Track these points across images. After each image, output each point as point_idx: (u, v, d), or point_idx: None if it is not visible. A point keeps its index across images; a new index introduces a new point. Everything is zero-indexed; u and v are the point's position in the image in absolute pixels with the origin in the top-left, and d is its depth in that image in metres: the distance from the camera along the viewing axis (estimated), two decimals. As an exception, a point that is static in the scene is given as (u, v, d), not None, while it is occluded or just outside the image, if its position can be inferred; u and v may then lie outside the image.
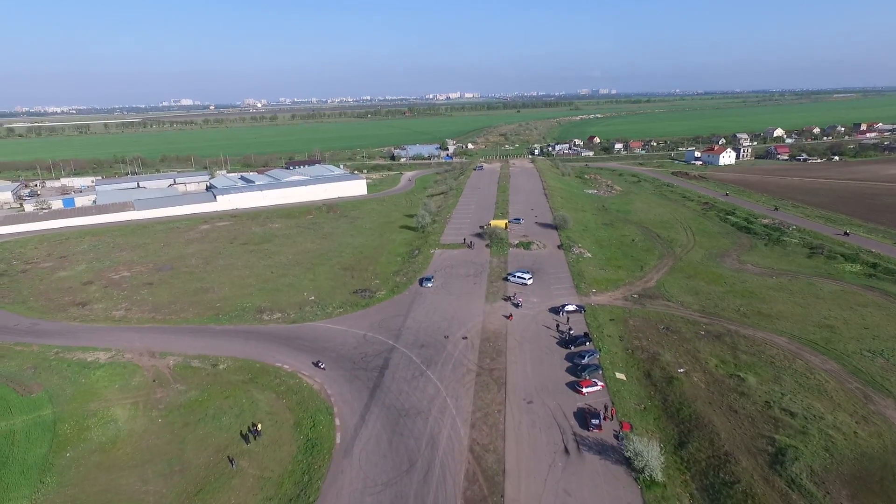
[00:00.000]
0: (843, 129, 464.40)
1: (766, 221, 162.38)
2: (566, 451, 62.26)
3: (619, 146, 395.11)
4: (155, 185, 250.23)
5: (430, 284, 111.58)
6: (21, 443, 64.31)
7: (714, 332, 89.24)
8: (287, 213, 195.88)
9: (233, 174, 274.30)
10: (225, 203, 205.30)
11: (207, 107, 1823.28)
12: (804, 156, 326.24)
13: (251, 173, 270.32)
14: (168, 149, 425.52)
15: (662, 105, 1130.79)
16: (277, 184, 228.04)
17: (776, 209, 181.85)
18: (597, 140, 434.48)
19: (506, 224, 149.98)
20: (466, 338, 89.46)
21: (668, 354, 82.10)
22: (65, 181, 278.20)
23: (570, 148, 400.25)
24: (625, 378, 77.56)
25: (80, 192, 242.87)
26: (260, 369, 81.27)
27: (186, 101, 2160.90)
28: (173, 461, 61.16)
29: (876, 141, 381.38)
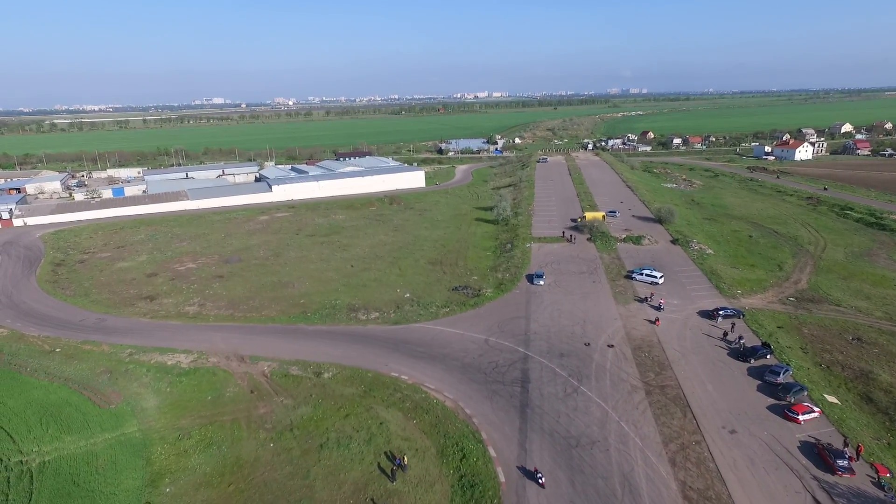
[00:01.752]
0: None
1: (890, 220, 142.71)
2: (817, 503, 46.28)
3: (677, 141, 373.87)
4: (203, 175, 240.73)
5: (541, 282, 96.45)
6: (106, 470, 51.15)
7: (924, 345, 71.95)
8: (347, 204, 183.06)
9: (282, 165, 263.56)
10: (281, 194, 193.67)
11: (239, 105, 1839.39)
12: (889, 150, 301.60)
13: (301, 165, 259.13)
14: (209, 142, 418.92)
15: (702, 103, 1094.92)
16: (333, 175, 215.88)
17: (892, 201, 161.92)
18: (650, 135, 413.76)
19: (602, 216, 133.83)
20: (613, 346, 74.07)
21: (883, 373, 65.28)
22: (111, 172, 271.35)
23: (624, 143, 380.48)
24: (838, 402, 61.12)
25: (128, 182, 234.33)
26: (374, 380, 67.13)
27: (218, 100, 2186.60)
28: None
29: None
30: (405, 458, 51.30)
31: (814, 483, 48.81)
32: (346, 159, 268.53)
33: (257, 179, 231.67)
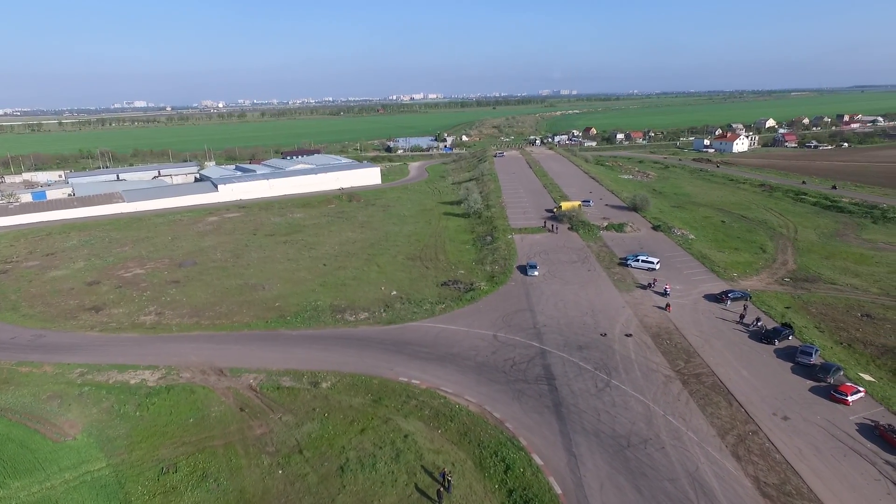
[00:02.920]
0: (828, 119, 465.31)
1: (847, 200, 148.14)
2: (902, 490, 42.70)
3: (620, 136, 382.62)
4: (137, 176, 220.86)
5: (536, 273, 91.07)
6: (72, 521, 40.48)
7: (932, 318, 71.69)
8: (303, 202, 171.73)
9: (224, 166, 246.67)
10: (228, 193, 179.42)
11: (164, 108, 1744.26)
12: (814, 143, 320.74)
13: (245, 164, 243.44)
14: (137, 144, 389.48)
15: (632, 102, 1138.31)
16: (284, 172, 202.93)
17: (834, 188, 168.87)
18: (593, 131, 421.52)
19: (578, 206, 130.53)
20: (631, 335, 69.43)
21: (907, 347, 63.81)
22: (27, 176, 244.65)
23: (569, 139, 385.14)
24: (873, 379, 58.77)
25: (48, 185, 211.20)
26: (381, 387, 59.05)
27: (140, 103, 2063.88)
28: (334, 542, 38.67)
29: (866, 130, 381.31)
30: (449, 474, 43.78)
31: (888, 468, 45.41)
32: (294, 158, 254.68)
33: (198, 180, 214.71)
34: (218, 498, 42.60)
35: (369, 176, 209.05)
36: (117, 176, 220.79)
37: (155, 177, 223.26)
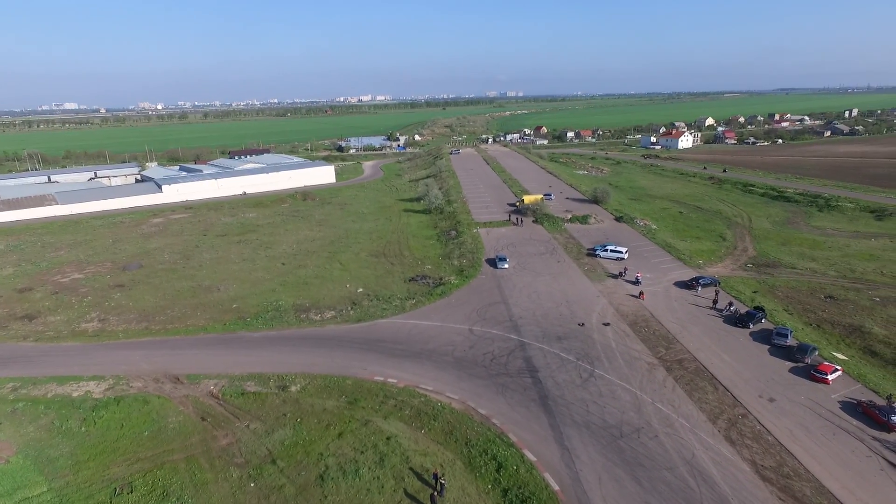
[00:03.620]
0: (762, 118, 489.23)
1: (792, 191, 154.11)
2: (894, 465, 42.72)
3: (570, 135, 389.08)
4: (71, 178, 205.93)
5: (506, 265, 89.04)
6: (8, 557, 34.88)
7: (892, 297, 74.22)
8: (255, 202, 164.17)
9: (168, 167, 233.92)
10: (173, 194, 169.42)
11: (97, 111, 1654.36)
12: (752, 139, 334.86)
13: (190, 164, 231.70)
14: (70, 146, 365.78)
15: (577, 103, 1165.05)
16: (233, 172, 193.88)
17: (779, 179, 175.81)
18: (544, 130, 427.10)
19: (541, 199, 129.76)
20: (609, 324, 68.22)
21: (874, 326, 65.34)
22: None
23: (521, 137, 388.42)
24: (846, 358, 59.59)
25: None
26: (355, 387, 55.23)
27: (71, 105, 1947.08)
28: (321, 560, 34.79)
29: (796, 128, 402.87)
30: (442, 475, 40.64)
31: (877, 444, 45.42)
32: (242, 158, 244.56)
33: (139, 181, 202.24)
34: (184, 520, 37.79)
35: (323, 175, 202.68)
36: (48, 178, 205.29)
37: (91, 178, 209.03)
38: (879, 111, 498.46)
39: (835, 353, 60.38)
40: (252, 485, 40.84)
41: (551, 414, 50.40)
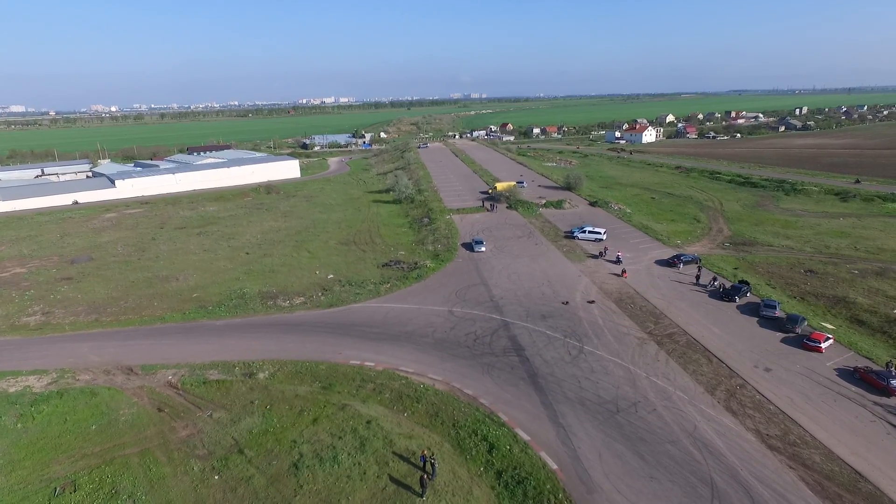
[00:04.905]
0: (719, 115, 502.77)
1: (758, 177, 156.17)
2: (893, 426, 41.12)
3: (536, 131, 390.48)
4: (15, 176, 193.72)
5: (483, 248, 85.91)
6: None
7: (869, 270, 74.11)
8: (216, 196, 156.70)
9: (123, 164, 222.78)
10: (127, 189, 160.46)
11: (46, 113, 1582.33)
12: (712, 133, 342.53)
13: (147, 161, 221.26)
14: (16, 146, 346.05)
15: (541, 103, 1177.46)
16: (192, 167, 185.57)
17: (742, 168, 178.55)
18: (510, 126, 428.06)
19: (514, 185, 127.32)
20: (594, 301, 65.65)
21: (858, 297, 64.64)
22: None
23: (488, 134, 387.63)
24: (834, 327, 58.43)
25: None
26: (329, 371, 50.89)
27: (17, 108, 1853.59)
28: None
29: (752, 124, 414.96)
30: (432, 456, 36.82)
31: (879, 409, 43.75)
32: (202, 154, 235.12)
33: (90, 178, 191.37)
34: (137, 518, 32.89)
35: (288, 169, 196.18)
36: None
37: (38, 176, 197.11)
38: (827, 109, 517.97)
39: (823, 324, 59.15)
40: (216, 477, 36.16)
41: (542, 392, 47.16)
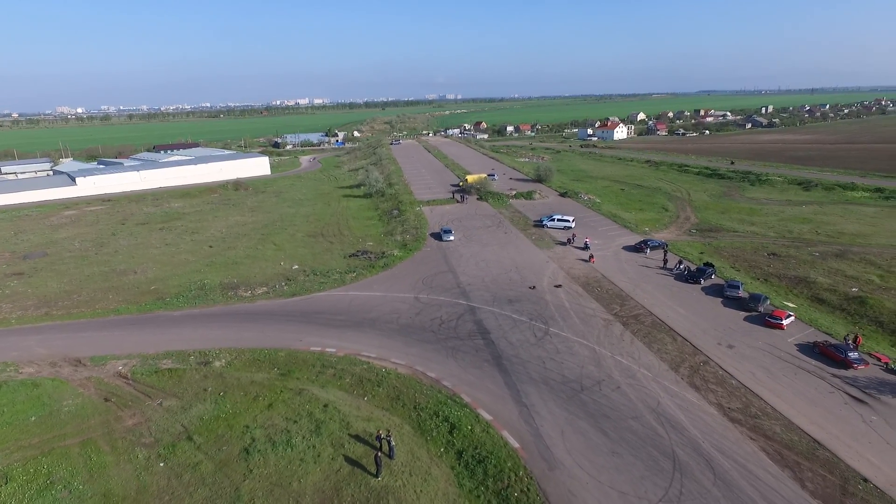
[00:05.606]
0: (688, 113, 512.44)
1: (725, 169, 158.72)
2: (858, 399, 41.43)
3: (510, 129, 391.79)
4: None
5: (451, 237, 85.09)
6: None
7: (829, 252, 75.38)
8: (182, 193, 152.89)
9: (86, 163, 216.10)
10: (89, 187, 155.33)
11: (9, 115, 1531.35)
12: (682, 130, 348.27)
13: (112, 159, 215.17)
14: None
15: (516, 103, 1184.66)
16: (158, 164, 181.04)
17: (710, 161, 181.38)
18: (484, 125, 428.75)
19: (485, 177, 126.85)
20: (561, 286, 65.26)
21: (819, 277, 65.58)
22: None
23: (462, 132, 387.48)
24: (795, 306, 59.06)
25: None
26: (289, 358, 49.38)
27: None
28: (243, 540, 29.10)
29: (720, 121, 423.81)
30: (390, 435, 35.67)
31: (837, 381, 44.09)
32: (169, 152, 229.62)
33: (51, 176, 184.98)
34: (73, 509, 31.04)
35: (257, 166, 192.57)
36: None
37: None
38: (791, 108, 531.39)
39: (785, 303, 59.72)
40: (161, 464, 34.44)
41: (506, 373, 46.40)
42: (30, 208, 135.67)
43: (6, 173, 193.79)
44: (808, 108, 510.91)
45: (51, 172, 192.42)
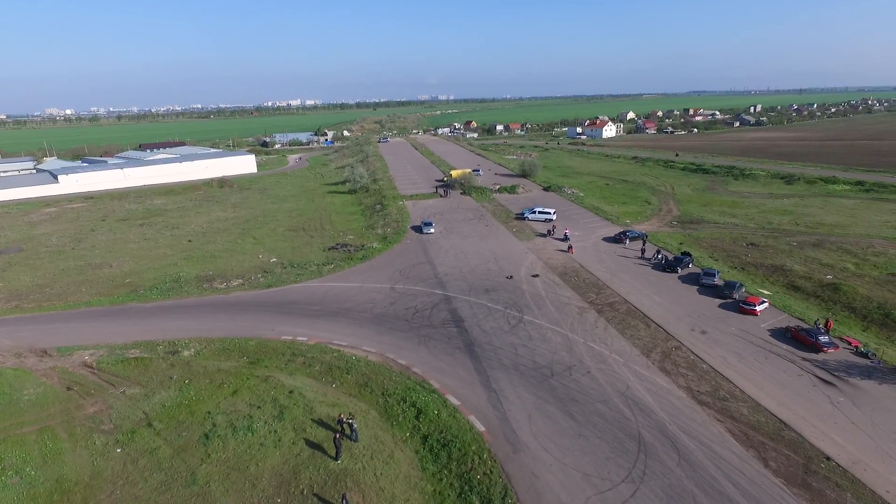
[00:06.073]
0: (678, 112, 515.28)
1: (710, 164, 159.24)
2: (827, 382, 41.41)
3: (500, 128, 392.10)
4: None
5: (432, 230, 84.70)
6: None
7: (807, 242, 75.59)
8: (166, 191, 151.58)
9: (71, 162, 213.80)
10: (71, 185, 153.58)
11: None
12: (670, 129, 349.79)
13: (96, 158, 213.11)
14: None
15: (506, 104, 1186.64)
16: (142, 161, 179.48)
17: (696, 157, 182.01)
18: (474, 124, 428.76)
19: (469, 172, 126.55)
20: (538, 275, 65.02)
21: (795, 265, 65.74)
22: None
23: (451, 131, 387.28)
24: (770, 293, 59.11)
25: None
26: (259, 347, 48.80)
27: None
28: (194, 522, 28.53)
29: (709, 120, 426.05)
30: (352, 419, 35.20)
31: (807, 364, 44.05)
32: (155, 150, 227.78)
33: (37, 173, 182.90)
34: (19, 493, 30.32)
35: (243, 164, 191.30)
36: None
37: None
38: (779, 107, 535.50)
39: (760, 290, 59.76)
40: (119, 450, 33.82)
41: (477, 359, 46.06)
42: (10, 206, 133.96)
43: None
44: (795, 107, 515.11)
45: (33, 171, 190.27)
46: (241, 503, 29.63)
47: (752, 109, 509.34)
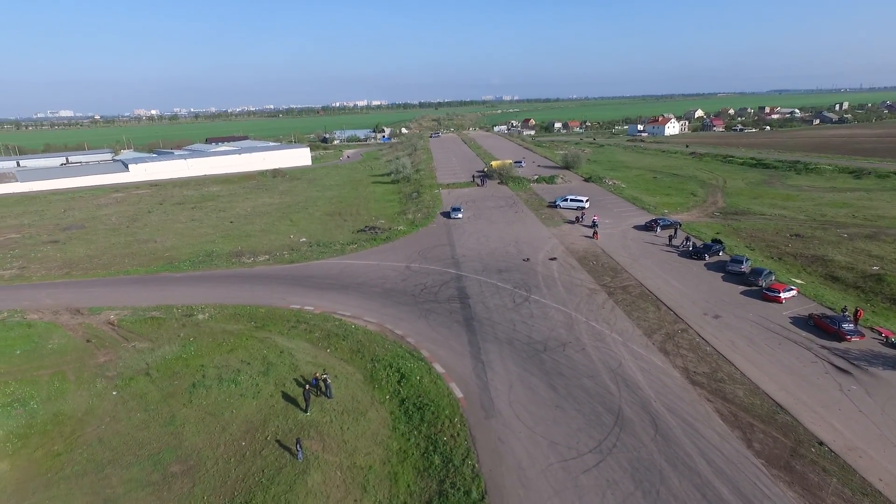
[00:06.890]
0: (752, 110, 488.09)
1: (772, 159, 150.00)
2: (842, 370, 38.21)
3: (558, 125, 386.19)
4: (42, 163, 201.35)
5: (460, 215, 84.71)
6: None
7: (860, 234, 69.74)
8: (223, 180, 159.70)
9: (144, 153, 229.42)
10: (140, 173, 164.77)
11: (92, 117, 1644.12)
12: (740, 126, 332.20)
13: (166, 150, 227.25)
14: (53, 141, 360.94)
15: (571, 103, 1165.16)
16: (204, 153, 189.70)
17: (759, 153, 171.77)
18: (532, 122, 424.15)
19: (510, 163, 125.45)
20: (556, 258, 63.70)
21: (838, 255, 60.96)
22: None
23: (508, 128, 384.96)
24: (802, 282, 55.08)
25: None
26: (268, 314, 50.63)
27: (66, 112, 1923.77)
28: (166, 455, 30.15)
29: (785, 118, 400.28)
30: (326, 376, 36.02)
31: (824, 351, 40.84)
32: (219, 143, 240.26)
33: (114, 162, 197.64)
34: (19, 422, 33.12)
35: (298, 156, 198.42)
36: (17, 163, 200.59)
37: (63, 164, 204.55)
38: (869, 104, 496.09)
39: (792, 279, 55.88)
40: (114, 393, 36.18)
41: (473, 332, 45.85)
42: (84, 191, 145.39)
43: (73, 162, 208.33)
44: (888, 103, 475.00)
45: (110, 161, 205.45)
46: (209, 443, 31.02)
47: (836, 107, 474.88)
